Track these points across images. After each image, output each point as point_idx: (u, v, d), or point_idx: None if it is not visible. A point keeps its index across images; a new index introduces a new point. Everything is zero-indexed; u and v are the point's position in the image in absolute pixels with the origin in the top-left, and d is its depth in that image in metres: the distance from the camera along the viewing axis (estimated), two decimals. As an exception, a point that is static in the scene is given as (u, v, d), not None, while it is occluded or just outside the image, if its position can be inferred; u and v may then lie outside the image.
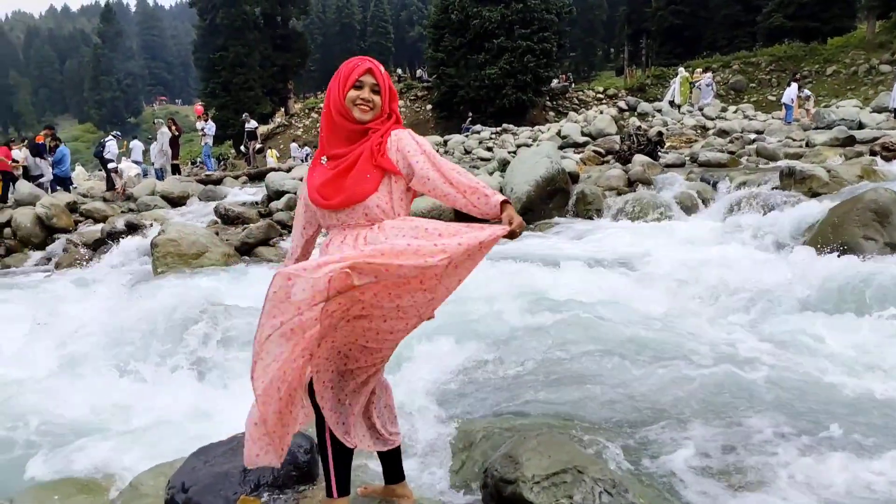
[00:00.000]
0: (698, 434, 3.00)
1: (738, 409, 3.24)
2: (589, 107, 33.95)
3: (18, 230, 11.90)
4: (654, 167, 11.72)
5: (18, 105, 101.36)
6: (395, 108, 2.15)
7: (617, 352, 4.19)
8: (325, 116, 2.13)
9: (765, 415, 3.15)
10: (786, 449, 2.82)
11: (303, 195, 2.20)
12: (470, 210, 2.09)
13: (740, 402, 3.34)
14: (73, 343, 5.04)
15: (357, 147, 2.06)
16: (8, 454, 3.48)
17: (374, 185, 2.01)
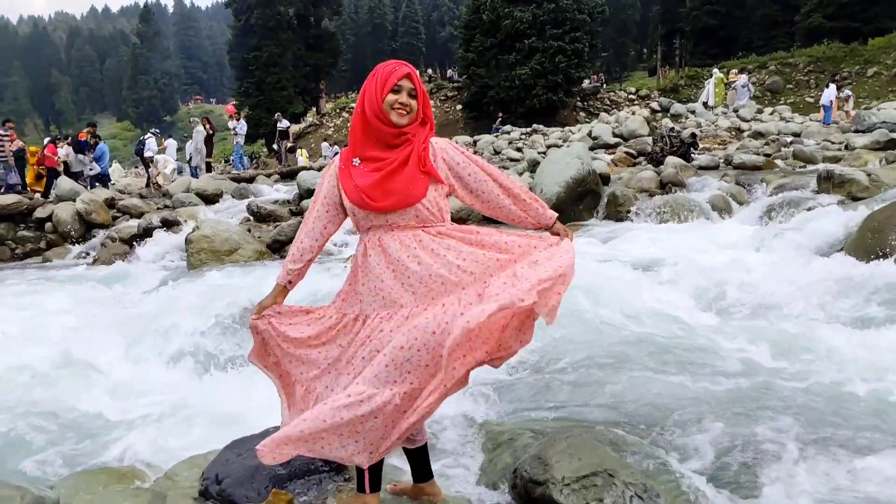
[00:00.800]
0: (728, 441, 2.95)
1: (770, 418, 3.18)
2: (620, 107, 33.58)
3: (59, 225, 12.24)
4: (687, 169, 11.55)
5: (60, 103, 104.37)
6: (430, 113, 2.18)
7: (645, 356, 4.15)
8: (359, 118, 2.14)
9: (797, 424, 3.08)
10: (816, 461, 2.75)
11: (326, 195, 2.18)
12: (522, 222, 2.26)
13: (772, 410, 3.27)
14: (108, 336, 5.17)
15: (399, 151, 2.09)
16: (49, 443, 3.59)
17: (424, 188, 2.07)
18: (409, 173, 2.07)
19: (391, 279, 2.06)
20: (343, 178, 2.14)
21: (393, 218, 2.07)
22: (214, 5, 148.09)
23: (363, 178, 2.09)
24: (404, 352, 1.96)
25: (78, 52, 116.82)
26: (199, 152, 18.58)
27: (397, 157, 2.08)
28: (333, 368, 2.14)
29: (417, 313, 2.02)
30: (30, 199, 13.12)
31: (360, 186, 2.08)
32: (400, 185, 2.05)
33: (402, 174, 2.07)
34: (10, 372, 4.49)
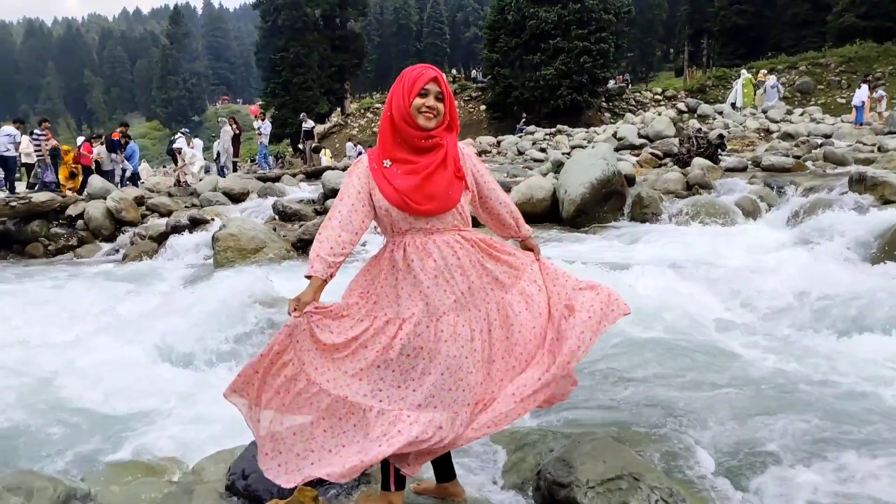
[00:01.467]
0: (755, 446, 2.92)
1: (799, 425, 3.13)
2: (646, 108, 33.26)
3: (90, 222, 12.50)
4: (715, 171, 11.40)
5: (92, 103, 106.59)
6: (455, 117, 2.19)
7: (669, 359, 4.11)
8: (387, 121, 2.15)
9: (826, 432, 3.03)
10: (847, 469, 2.70)
11: (360, 191, 2.12)
12: (506, 232, 2.41)
13: (801, 417, 3.22)
14: (137, 332, 5.25)
15: (432, 155, 2.11)
16: (79, 437, 3.66)
17: (460, 193, 2.14)
18: (447, 177, 2.11)
19: (433, 284, 2.08)
20: (377, 178, 2.12)
21: (433, 221, 2.10)
22: (242, 6, 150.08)
23: (402, 181, 2.08)
24: (451, 393, 2.07)
25: (109, 53, 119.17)
26: (227, 152, 18.83)
27: (434, 161, 2.10)
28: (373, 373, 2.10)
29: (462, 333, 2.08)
30: (62, 196, 13.42)
31: (400, 189, 2.07)
32: (440, 189, 2.08)
33: (440, 178, 2.09)
34: (37, 366, 4.59)
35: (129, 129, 18.54)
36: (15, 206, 12.39)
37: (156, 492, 2.77)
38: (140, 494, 2.74)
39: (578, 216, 9.34)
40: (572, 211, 9.34)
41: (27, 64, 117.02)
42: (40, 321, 6.02)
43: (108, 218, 12.51)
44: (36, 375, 4.45)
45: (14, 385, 4.31)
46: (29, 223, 12.57)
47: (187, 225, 11.30)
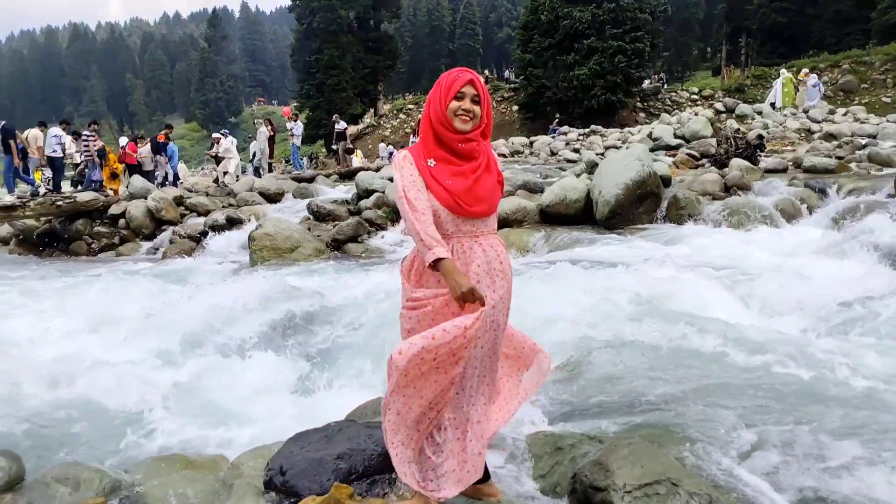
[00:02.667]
0: (796, 452, 2.85)
1: (838, 430, 3.05)
2: (682, 108, 32.68)
3: (131, 221, 12.85)
4: (754, 172, 11.15)
5: (133, 105, 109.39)
6: (490, 122, 2.20)
7: (706, 363, 4.04)
8: (426, 123, 2.18)
9: (868, 438, 2.95)
10: (882, 475, 2.63)
11: (420, 188, 2.08)
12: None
13: (841, 422, 3.14)
14: (176, 329, 5.38)
15: (474, 160, 2.14)
16: (123, 431, 3.76)
17: (499, 198, 2.20)
18: (491, 181, 2.16)
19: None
20: (426, 176, 2.11)
21: (478, 224, 2.13)
22: (278, 9, 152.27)
23: (452, 182, 2.08)
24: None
25: (150, 57, 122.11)
26: (263, 152, 19.14)
27: (479, 164, 2.14)
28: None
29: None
30: (105, 196, 13.80)
31: (451, 189, 2.07)
32: (487, 193, 2.13)
33: (486, 181, 2.14)
34: (79, 361, 4.73)
35: (172, 131, 19.04)
36: (61, 205, 12.81)
37: (196, 485, 2.83)
38: (181, 488, 2.81)
39: (612, 217, 9.23)
40: (606, 212, 9.24)
41: (72, 67, 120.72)
42: (82, 316, 6.21)
43: (149, 217, 12.83)
44: (78, 370, 4.59)
45: (59, 379, 4.45)
46: (74, 222, 12.99)
47: (224, 224, 11.53)
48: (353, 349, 4.69)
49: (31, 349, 5.16)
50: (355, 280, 6.82)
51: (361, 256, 9.46)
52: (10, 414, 3.95)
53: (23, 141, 14.54)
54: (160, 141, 17.12)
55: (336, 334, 4.66)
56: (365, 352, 4.55)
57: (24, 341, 5.27)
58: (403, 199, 2.06)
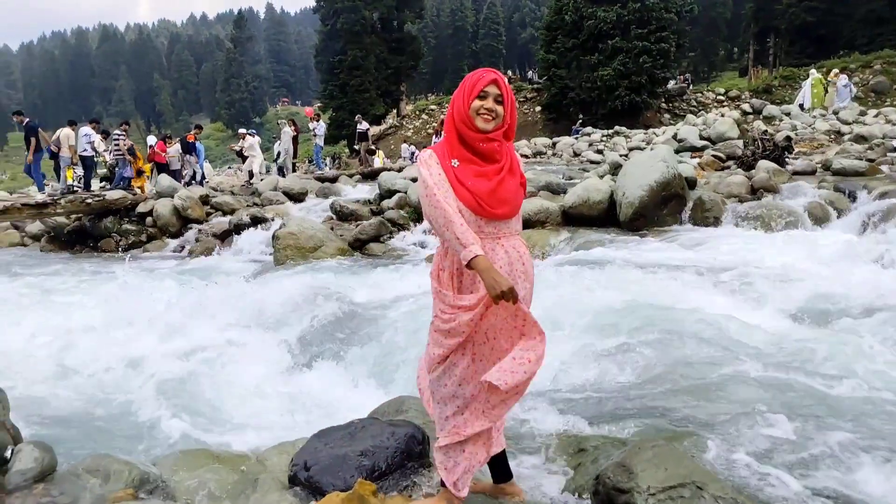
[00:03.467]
0: (824, 457, 2.81)
1: (868, 435, 3.00)
2: (708, 109, 32.29)
3: (158, 219, 13.06)
4: (781, 174, 10.97)
5: (160, 105, 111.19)
6: (514, 125, 2.18)
7: (732, 368, 3.99)
8: (450, 123, 2.18)
9: (891, 443, 2.90)
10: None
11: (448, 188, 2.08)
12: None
13: (870, 428, 3.09)
14: (202, 327, 5.47)
15: (497, 162, 2.13)
16: (151, 426, 3.84)
17: (522, 199, 2.18)
18: (514, 183, 2.14)
19: None
20: (450, 177, 2.11)
21: (500, 226, 2.12)
22: (303, 10, 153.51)
23: (474, 183, 2.08)
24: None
25: (177, 57, 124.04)
26: (287, 152, 19.33)
27: (503, 166, 2.12)
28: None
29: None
30: (134, 194, 14.05)
31: (473, 190, 2.07)
32: (510, 194, 2.12)
33: (510, 183, 2.13)
34: (109, 356, 4.83)
35: (202, 131, 19.36)
36: (90, 203, 13.06)
37: (222, 479, 2.87)
38: (208, 481, 2.85)
39: (636, 219, 9.16)
40: (630, 214, 9.17)
41: (102, 68, 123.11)
42: (110, 312, 6.33)
43: (175, 215, 13.03)
44: (107, 366, 4.69)
45: (87, 373, 4.56)
46: (103, 220, 13.24)
47: (249, 223, 11.66)
48: (375, 348, 4.72)
49: (61, 344, 5.27)
50: (378, 279, 6.86)
51: (383, 256, 9.51)
52: (41, 406, 4.05)
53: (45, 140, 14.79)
54: (190, 141, 17.42)
55: (359, 333, 4.69)
56: (387, 350, 4.58)
57: (54, 336, 5.39)
58: (433, 197, 2.05)
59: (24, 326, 5.50)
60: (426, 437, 2.78)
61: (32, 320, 5.67)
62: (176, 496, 2.78)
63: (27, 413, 3.78)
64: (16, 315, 6.25)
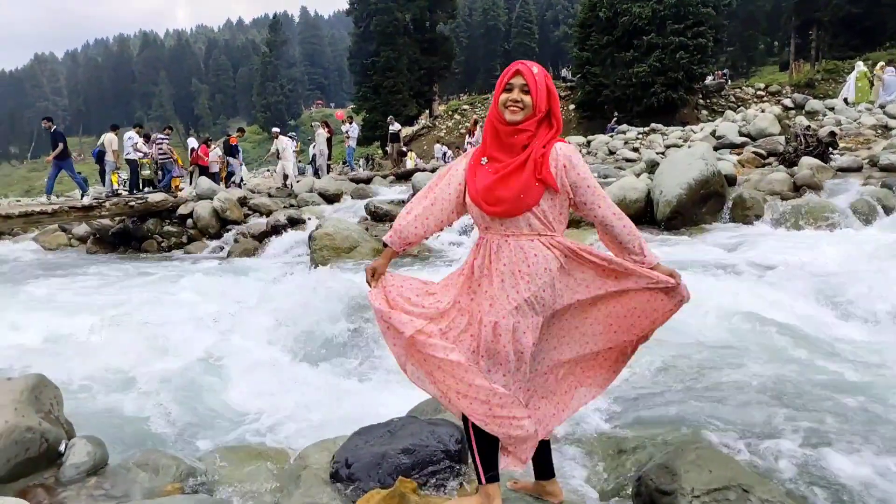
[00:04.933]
0: (872, 462, 2.73)
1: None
2: (748, 105, 31.61)
3: (198, 221, 13.36)
4: (825, 171, 10.68)
5: (198, 109, 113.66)
6: (555, 107, 2.12)
7: (775, 370, 3.91)
8: (487, 121, 2.19)
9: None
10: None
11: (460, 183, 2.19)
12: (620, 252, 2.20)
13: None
14: (241, 325, 5.57)
15: (518, 157, 2.07)
16: (196, 422, 3.94)
17: (535, 198, 2.04)
18: (524, 180, 2.03)
19: (499, 288, 2.07)
20: (469, 174, 2.17)
21: (507, 224, 2.08)
22: (336, 13, 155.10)
23: (483, 179, 2.12)
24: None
25: (214, 62, 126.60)
26: (322, 154, 19.57)
27: (514, 162, 2.06)
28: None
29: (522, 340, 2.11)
30: (175, 197, 14.41)
31: (478, 187, 2.11)
32: (510, 193, 2.04)
33: (515, 180, 2.04)
34: (155, 354, 4.96)
35: (232, 133, 19.73)
36: (133, 205, 13.44)
37: (264, 475, 2.93)
38: (251, 477, 2.92)
39: (674, 218, 9.03)
40: (668, 213, 9.04)
41: (142, 74, 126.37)
42: (156, 311, 6.51)
43: (214, 217, 13.32)
44: (152, 363, 4.82)
45: (136, 370, 4.69)
46: (145, 221, 13.62)
47: (285, 224, 11.85)
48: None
49: (110, 341, 5.44)
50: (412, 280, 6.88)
51: (418, 256, 9.55)
52: (92, 401, 4.19)
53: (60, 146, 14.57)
54: (232, 143, 17.81)
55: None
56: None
57: (103, 334, 5.56)
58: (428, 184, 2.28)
59: (75, 325, 5.70)
60: (463, 437, 2.79)
61: (83, 318, 5.87)
62: (221, 491, 2.85)
63: (78, 407, 3.91)
64: (67, 314, 6.49)
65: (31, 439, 2.77)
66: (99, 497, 2.67)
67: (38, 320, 6.23)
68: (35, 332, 5.78)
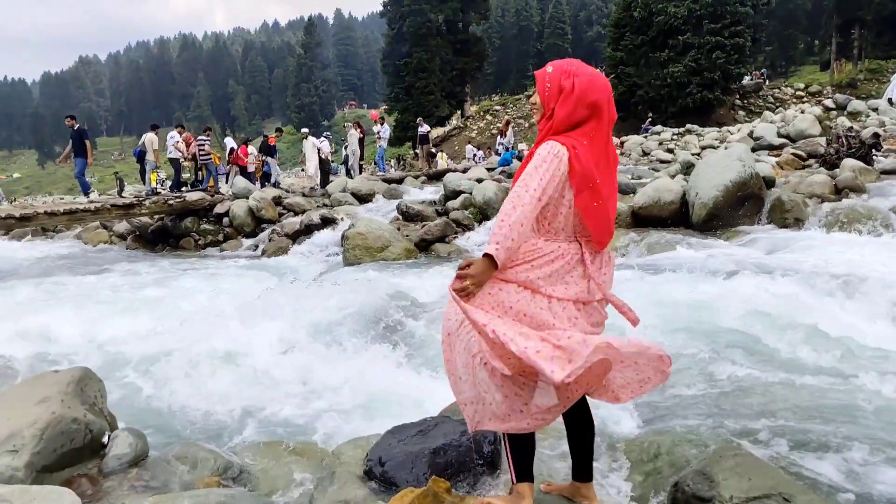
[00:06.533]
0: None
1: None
2: (786, 105, 30.91)
3: (234, 219, 13.60)
4: (868, 173, 10.38)
5: (235, 109, 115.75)
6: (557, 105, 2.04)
7: (815, 376, 3.81)
8: None
9: None
10: None
11: None
12: None
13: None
14: (281, 323, 5.65)
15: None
16: (238, 418, 4.01)
17: None
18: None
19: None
20: None
21: None
22: (370, 15, 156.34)
23: None
24: None
25: (251, 64, 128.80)
26: (354, 154, 19.72)
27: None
28: None
29: None
30: (211, 196, 14.69)
31: None
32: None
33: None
34: (190, 346, 5.06)
35: (266, 132, 20.06)
36: (172, 204, 13.74)
37: (299, 471, 2.98)
38: (287, 472, 2.97)
39: (710, 220, 8.86)
40: (703, 215, 8.88)
41: (181, 75, 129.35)
42: (193, 307, 6.65)
43: (250, 216, 13.54)
44: (189, 355, 4.92)
45: (175, 363, 4.80)
46: (183, 220, 13.91)
47: (319, 224, 11.98)
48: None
49: (148, 335, 5.59)
50: (444, 280, 6.91)
51: (449, 257, 9.57)
52: (133, 395, 4.31)
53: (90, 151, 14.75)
54: (271, 144, 18.11)
55: (429, 332, 4.75)
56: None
57: (143, 329, 5.71)
58: None
59: (117, 319, 5.86)
60: (497, 437, 2.79)
61: (125, 313, 6.03)
62: (257, 485, 2.90)
63: (119, 400, 4.02)
64: (109, 308, 6.67)
65: (76, 430, 2.85)
66: (140, 488, 2.74)
67: (82, 314, 6.42)
68: (79, 325, 5.95)
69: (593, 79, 2.05)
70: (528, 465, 2.21)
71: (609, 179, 2.07)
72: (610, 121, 2.07)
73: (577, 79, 2.04)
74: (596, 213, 2.03)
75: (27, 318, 6.23)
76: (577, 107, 2.02)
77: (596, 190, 2.01)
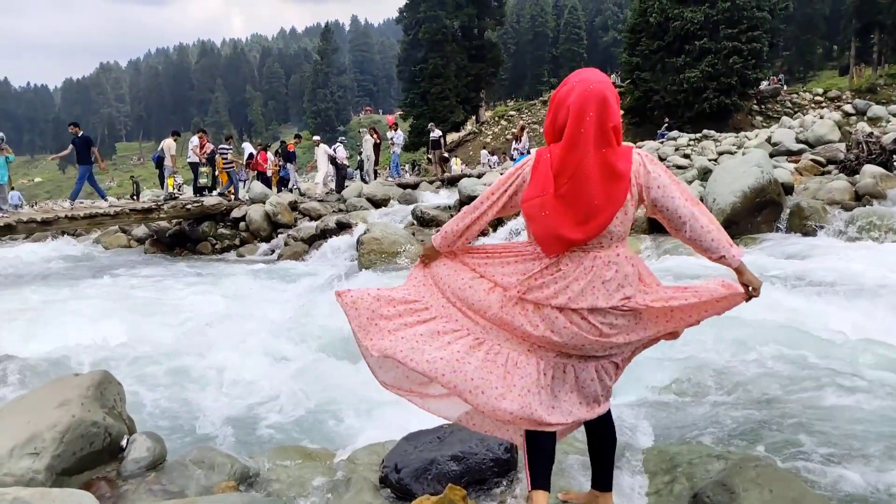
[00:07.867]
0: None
1: None
2: (805, 111, 30.58)
3: (251, 224, 13.71)
4: (890, 179, 10.22)
5: (252, 115, 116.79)
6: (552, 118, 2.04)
7: (836, 384, 3.75)
8: None
9: None
10: None
11: None
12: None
13: None
14: (297, 328, 5.68)
15: None
16: (250, 421, 4.03)
17: None
18: None
19: None
20: None
21: None
22: (386, 21, 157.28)
23: None
24: None
25: (268, 70, 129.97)
26: (369, 160, 19.81)
27: None
28: None
29: None
30: (228, 201, 14.82)
31: None
32: None
33: None
34: (207, 351, 5.10)
35: (282, 138, 20.25)
36: (190, 208, 13.89)
37: (315, 477, 2.97)
38: (301, 478, 2.97)
39: (727, 226, 8.73)
40: (721, 221, 8.73)
41: (200, 81, 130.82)
42: (209, 311, 6.70)
43: (266, 220, 13.65)
44: (206, 360, 4.96)
45: (193, 368, 4.84)
46: (200, 224, 14.04)
47: (334, 228, 12.04)
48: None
49: (166, 338, 5.64)
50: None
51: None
52: (151, 398, 4.34)
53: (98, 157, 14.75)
54: (290, 150, 18.25)
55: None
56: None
57: (159, 333, 5.76)
58: None
59: (135, 323, 5.91)
60: (513, 445, 2.77)
61: (143, 317, 6.08)
62: (273, 490, 2.91)
63: (137, 403, 4.06)
64: (128, 311, 6.74)
65: (95, 434, 2.87)
66: (157, 492, 2.76)
67: (101, 317, 6.49)
68: (98, 328, 6.02)
69: (581, 84, 1.97)
70: (546, 472, 2.18)
71: (586, 190, 1.95)
72: (599, 127, 1.94)
73: (566, 86, 2.02)
74: (542, 221, 2.00)
75: (47, 321, 6.32)
76: (557, 112, 2.02)
77: (545, 200, 1.98)
